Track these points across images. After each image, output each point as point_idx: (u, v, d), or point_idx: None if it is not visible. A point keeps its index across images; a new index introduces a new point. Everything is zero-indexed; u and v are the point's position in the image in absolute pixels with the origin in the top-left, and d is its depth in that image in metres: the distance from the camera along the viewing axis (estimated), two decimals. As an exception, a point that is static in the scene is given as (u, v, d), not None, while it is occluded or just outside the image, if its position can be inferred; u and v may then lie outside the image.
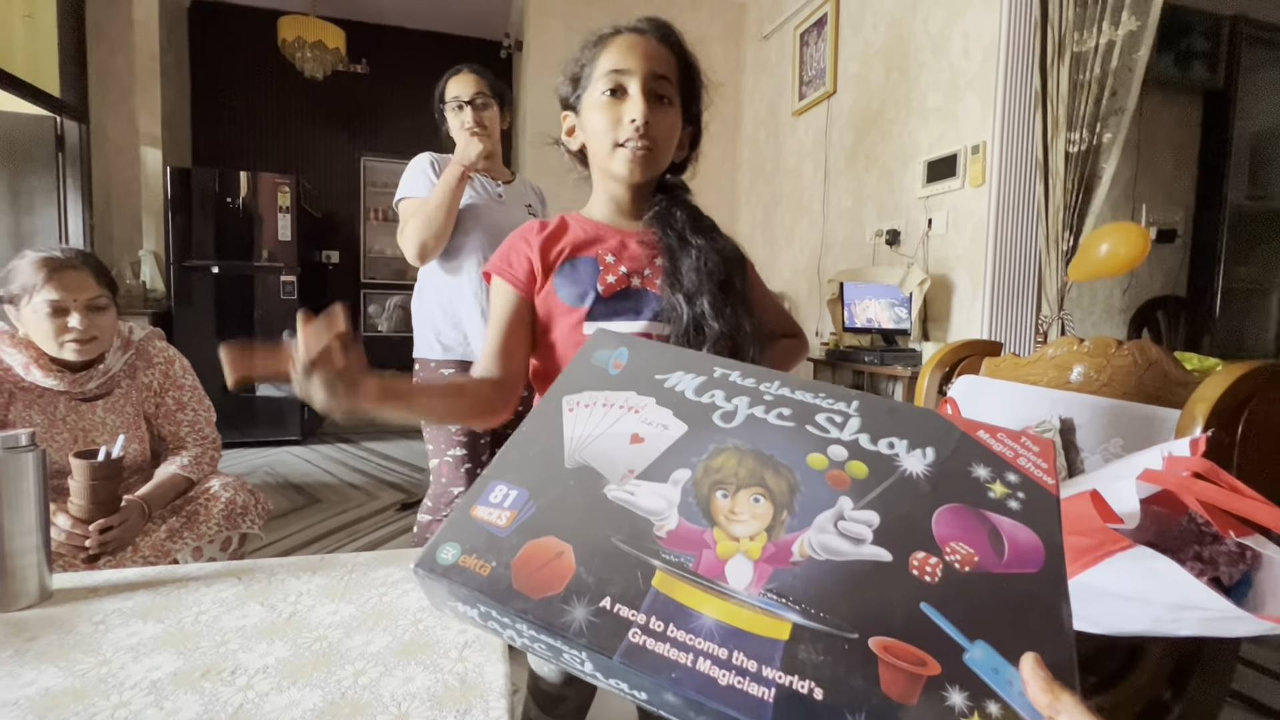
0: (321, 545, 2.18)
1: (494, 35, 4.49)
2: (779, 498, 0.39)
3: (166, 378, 1.30)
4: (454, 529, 0.40)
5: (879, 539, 0.37)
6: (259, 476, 3.02)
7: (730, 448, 0.43)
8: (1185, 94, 2.39)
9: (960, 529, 0.37)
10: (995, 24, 1.97)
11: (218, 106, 4.13)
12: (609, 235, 0.77)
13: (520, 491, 0.41)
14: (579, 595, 0.35)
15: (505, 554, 0.38)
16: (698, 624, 0.34)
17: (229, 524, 1.21)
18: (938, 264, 2.23)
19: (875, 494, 0.39)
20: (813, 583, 0.35)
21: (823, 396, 0.46)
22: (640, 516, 0.39)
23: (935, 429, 0.43)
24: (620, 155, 0.72)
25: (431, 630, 0.74)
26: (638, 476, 0.41)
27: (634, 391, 0.48)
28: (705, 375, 0.48)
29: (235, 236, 3.57)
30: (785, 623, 0.33)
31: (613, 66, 0.71)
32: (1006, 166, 1.96)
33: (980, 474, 0.40)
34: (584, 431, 0.45)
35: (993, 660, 0.31)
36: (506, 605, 0.35)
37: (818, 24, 3.03)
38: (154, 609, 0.76)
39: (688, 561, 0.36)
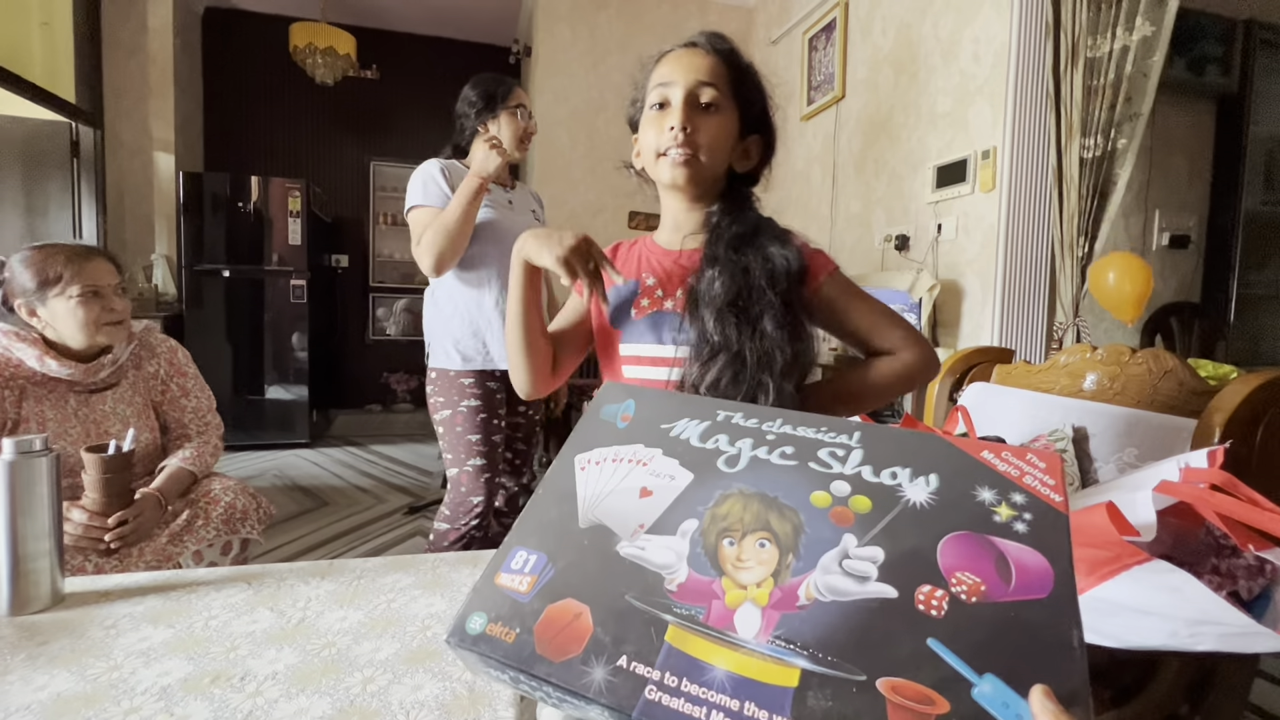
0: (329, 549, 2.18)
1: (502, 41, 4.51)
2: (784, 540, 0.39)
3: (171, 365, 1.33)
4: (480, 598, 0.41)
5: (884, 575, 0.36)
6: (267, 479, 3.04)
7: (735, 493, 0.42)
8: (1198, 99, 2.37)
9: (966, 558, 0.36)
10: (1006, 29, 1.96)
11: (230, 112, 4.17)
12: (660, 257, 0.79)
13: (539, 556, 0.42)
14: (597, 655, 0.36)
15: (528, 619, 0.39)
16: (710, 676, 0.34)
17: (228, 528, 1.21)
18: (947, 269, 2.22)
19: (879, 528, 0.38)
20: (820, 626, 0.35)
21: (824, 430, 0.45)
22: (651, 571, 0.39)
23: (938, 454, 0.42)
24: (663, 163, 0.73)
25: (440, 637, 0.74)
26: (647, 531, 0.42)
27: (641, 444, 0.48)
28: (709, 420, 0.48)
29: (246, 240, 3.61)
30: (794, 669, 0.33)
31: (660, 80, 0.73)
32: (1017, 172, 1.95)
33: (985, 497, 0.39)
34: (596, 490, 0.46)
35: (1002, 694, 0.31)
36: (531, 671, 0.36)
37: (826, 29, 3.03)
38: (164, 614, 0.76)
39: (698, 613, 0.37)
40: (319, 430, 3.97)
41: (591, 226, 3.66)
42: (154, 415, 1.30)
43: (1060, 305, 1.88)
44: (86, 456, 1.00)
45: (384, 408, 4.52)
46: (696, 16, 3.75)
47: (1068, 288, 1.84)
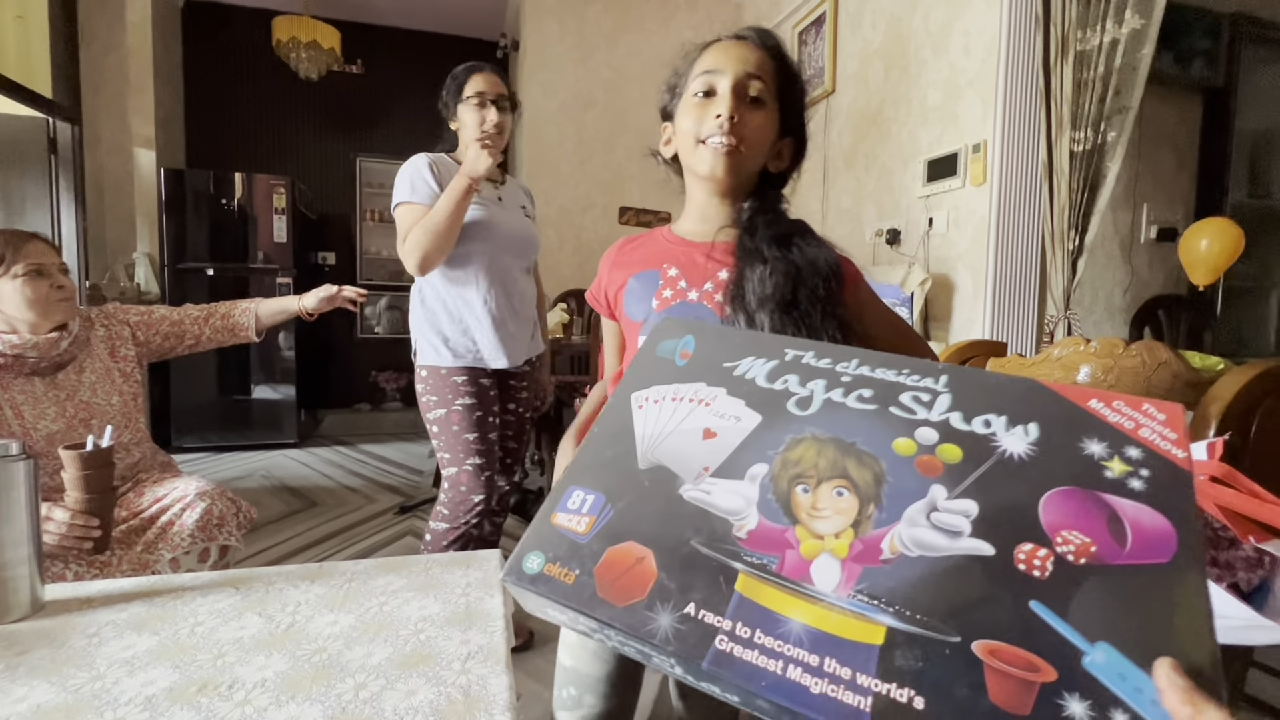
0: (319, 550, 2.16)
1: (490, 35, 4.47)
2: (864, 490, 0.37)
3: (140, 316, 1.38)
4: (537, 537, 0.40)
5: (978, 531, 0.34)
6: (254, 480, 3.00)
7: (808, 437, 0.40)
8: (1185, 92, 2.39)
9: (1073, 515, 0.33)
10: (996, 22, 1.96)
11: (212, 108, 4.10)
12: (683, 248, 0.76)
13: (597, 496, 0.41)
14: (663, 601, 0.35)
15: (587, 561, 0.38)
16: (785, 629, 0.32)
17: (204, 535, 1.17)
18: (938, 263, 2.22)
19: (972, 480, 0.36)
20: (906, 582, 0.33)
21: (906, 373, 0.42)
22: (718, 517, 0.38)
23: (1038, 401, 0.38)
24: (704, 151, 0.70)
25: (433, 641, 0.72)
26: (713, 474, 0.40)
27: (703, 383, 0.45)
28: (777, 359, 0.45)
29: (230, 238, 3.55)
30: (879, 627, 0.31)
31: (706, 68, 0.71)
32: (1008, 165, 1.96)
33: (1094, 450, 0.35)
34: (655, 429, 0.44)
35: (1118, 665, 0.28)
36: (592, 614, 0.35)
37: (816, 22, 3.02)
38: (149, 621, 0.74)
39: (770, 563, 0.35)
40: (307, 430, 3.92)
41: (580, 222, 3.64)
42: (129, 379, 1.34)
43: (1051, 298, 1.89)
44: (64, 454, 0.97)
45: (373, 406, 4.48)
46: (685, 11, 3.73)
47: (1058, 280, 1.85)
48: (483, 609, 0.82)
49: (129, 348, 1.34)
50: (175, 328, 1.41)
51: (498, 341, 1.49)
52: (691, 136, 0.71)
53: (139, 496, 1.19)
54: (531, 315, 1.59)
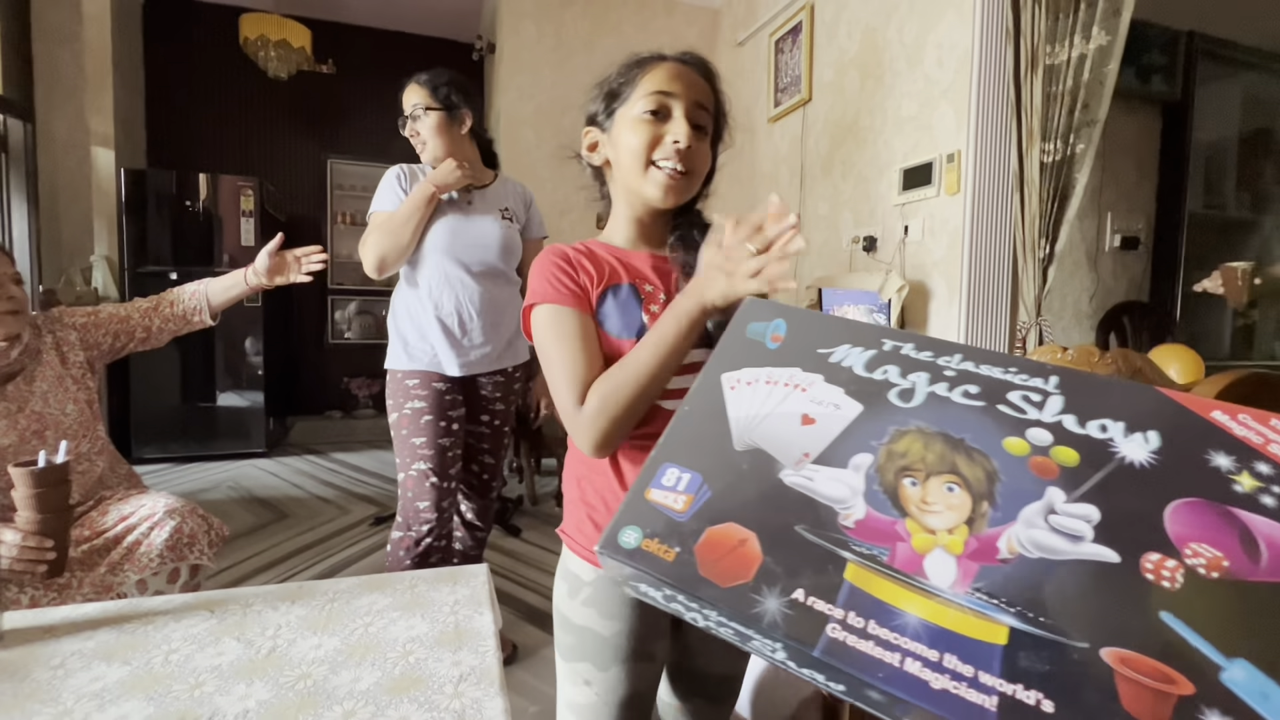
0: (292, 564, 2.09)
1: (465, 37, 4.42)
2: (975, 487, 0.36)
3: (87, 318, 1.33)
4: (631, 512, 0.40)
5: (1101, 537, 0.33)
6: (221, 491, 2.90)
7: (913, 430, 0.40)
8: (1146, 106, 2.48)
9: (1201, 528, 0.32)
10: (968, 36, 2.01)
11: (176, 106, 3.97)
12: (638, 261, 0.74)
13: (693, 475, 0.41)
14: (769, 585, 0.35)
15: (688, 540, 0.38)
16: (901, 622, 0.32)
17: (174, 554, 1.13)
18: (914, 270, 2.26)
19: (1091, 485, 0.35)
20: (1027, 583, 0.32)
21: (1014, 371, 0.41)
22: (823, 504, 0.38)
23: (1156, 409, 0.37)
24: (655, 176, 0.70)
25: (423, 663, 0.70)
26: (814, 461, 0.40)
27: (798, 368, 0.45)
28: (874, 349, 0.45)
29: (195, 241, 3.44)
30: (1001, 626, 0.31)
31: (659, 88, 0.69)
32: (981, 175, 2.00)
33: (1220, 463, 0.35)
34: (749, 411, 0.43)
35: (1258, 683, 0.28)
36: (695, 593, 0.35)
37: (792, 31, 3.06)
38: (119, 649, 0.70)
39: (881, 554, 0.35)
40: (276, 438, 3.81)
41: (559, 226, 3.61)
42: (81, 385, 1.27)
43: (1023, 305, 1.93)
44: (14, 472, 0.90)
45: (345, 414, 4.38)
46: (662, 17, 3.75)
47: (1030, 288, 1.90)
48: (472, 628, 0.80)
49: (78, 353, 1.28)
50: (123, 324, 1.34)
51: (448, 347, 1.48)
52: (639, 156, 0.69)
53: (102, 515, 1.13)
54: (505, 323, 1.55)
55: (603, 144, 0.76)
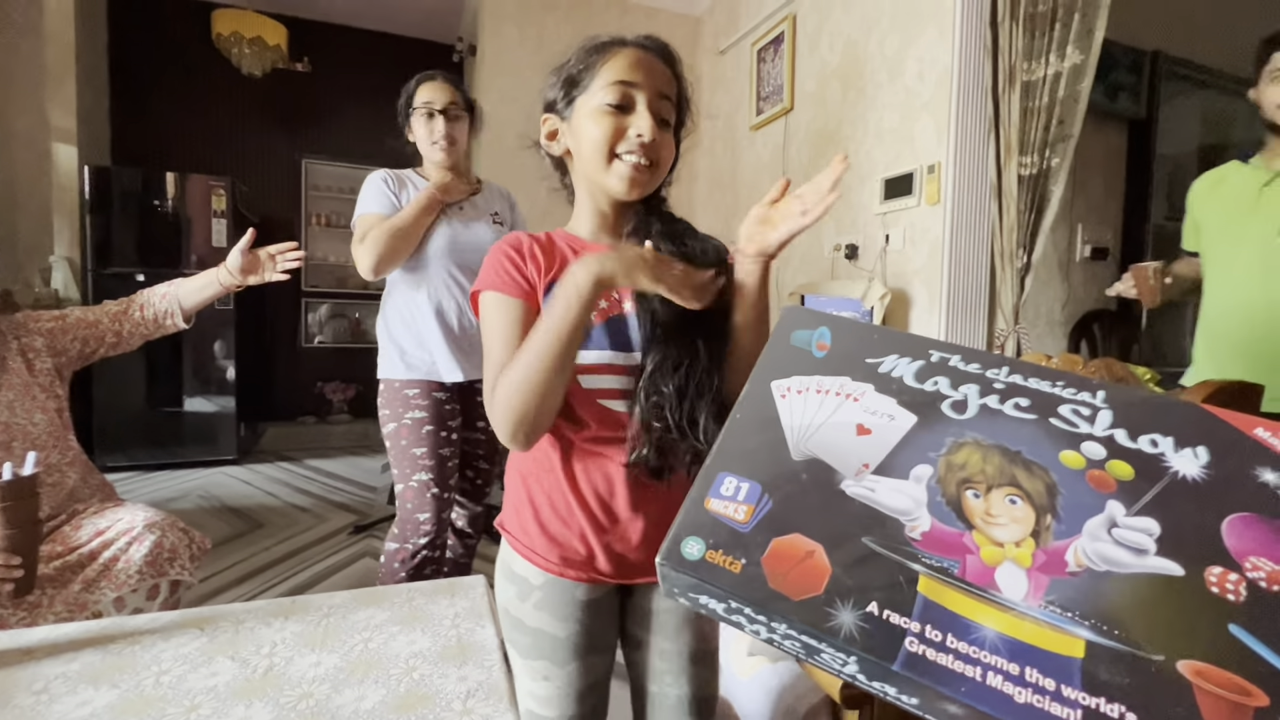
0: (269, 575, 2.03)
1: (445, 38, 4.37)
2: (1037, 499, 0.37)
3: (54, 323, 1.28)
4: (691, 522, 0.39)
5: (1164, 550, 0.34)
6: (191, 501, 2.81)
7: (970, 441, 0.40)
8: (1113, 122, 2.58)
9: (1259, 542, 0.33)
10: (948, 51, 2.06)
11: (144, 102, 3.84)
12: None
13: (752, 485, 0.40)
14: (841, 598, 0.34)
15: (753, 551, 0.37)
16: (978, 636, 0.32)
17: (154, 570, 1.09)
18: (895, 278, 2.31)
19: (1149, 499, 0.36)
20: (1098, 596, 0.33)
21: (1061, 385, 0.42)
22: (889, 516, 0.37)
23: (1202, 425, 0.38)
24: (618, 169, 0.69)
25: (428, 680, 0.69)
26: (873, 471, 0.39)
27: (848, 377, 0.45)
28: (923, 360, 0.45)
29: (162, 242, 3.33)
30: (1077, 640, 0.31)
31: (621, 77, 0.68)
32: (960, 186, 2.05)
33: (1270, 479, 0.36)
34: (803, 420, 0.43)
35: None
36: (766, 606, 0.34)
37: (775, 41, 3.09)
38: (105, 671, 0.67)
39: (952, 567, 0.35)
40: (247, 445, 3.71)
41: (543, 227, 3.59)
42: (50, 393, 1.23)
43: (1001, 313, 1.98)
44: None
45: (319, 419, 4.28)
46: (644, 23, 3.75)
47: (1008, 297, 1.95)
48: (475, 641, 0.78)
49: (45, 359, 1.23)
50: (92, 329, 1.29)
51: (449, 353, 1.47)
52: (602, 148, 0.68)
53: (76, 530, 1.08)
54: None
55: (562, 132, 0.74)
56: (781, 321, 0.51)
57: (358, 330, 4.49)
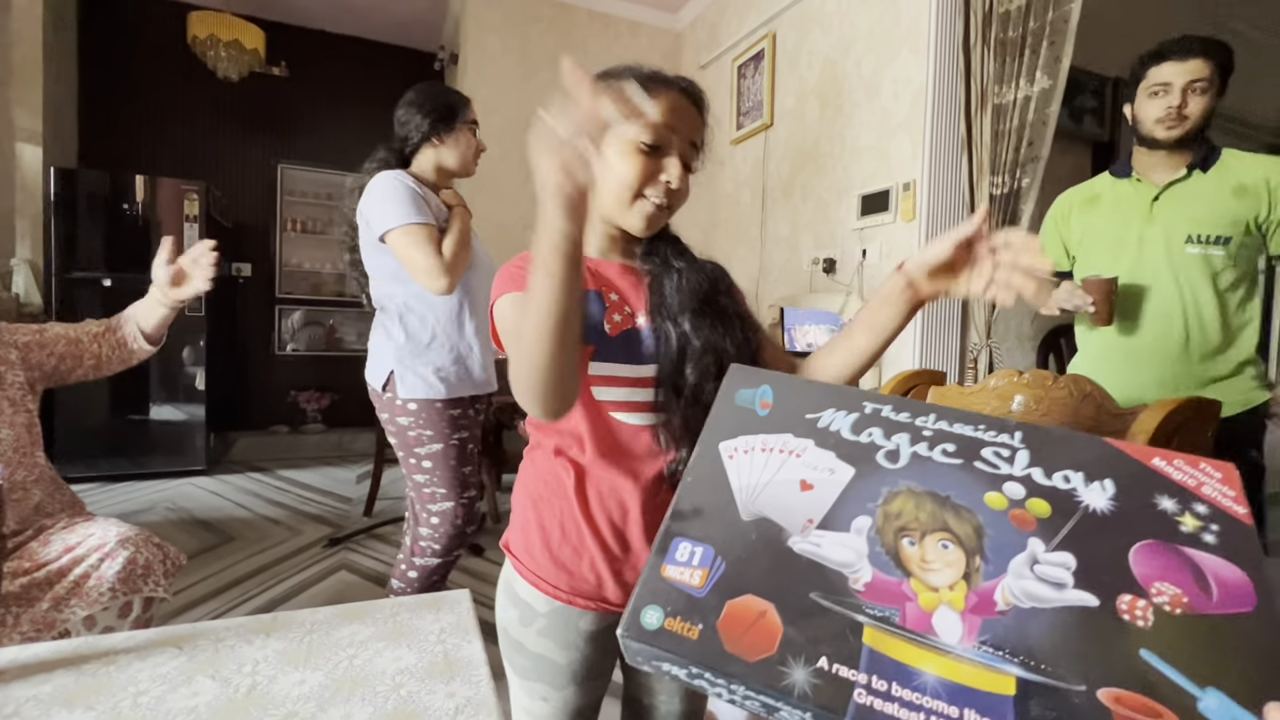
0: (242, 589, 1.98)
1: (427, 47, 4.36)
2: (967, 542, 0.39)
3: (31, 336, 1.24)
4: (650, 591, 0.40)
5: (1080, 582, 0.36)
6: (158, 513, 2.72)
7: (904, 490, 0.42)
8: (1078, 144, 2.68)
9: (1161, 568, 0.36)
10: (923, 72, 2.12)
11: (114, 104, 3.76)
12: (607, 270, 0.74)
13: (706, 548, 0.41)
14: (794, 655, 0.35)
15: (709, 616, 0.38)
16: (920, 682, 0.33)
17: (127, 587, 1.05)
18: (872, 292, 2.36)
19: (1065, 533, 0.38)
20: (1025, 633, 0.35)
21: (983, 429, 0.44)
22: (832, 570, 0.39)
23: (1108, 459, 0.41)
24: (640, 208, 0.70)
25: (416, 697, 0.68)
26: (818, 526, 0.41)
27: (790, 434, 0.47)
28: (857, 411, 0.47)
29: (131, 246, 3.24)
30: (1008, 677, 0.33)
31: (660, 121, 0.69)
32: (935, 204, 2.11)
33: (1166, 506, 0.38)
34: (750, 480, 0.44)
35: (1229, 710, 0.31)
36: (724, 670, 0.35)
37: (755, 58, 3.15)
38: (80, 693, 0.65)
39: (893, 615, 0.36)
40: (217, 455, 3.61)
41: (522, 241, 3.58)
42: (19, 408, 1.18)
43: (974, 328, 2.04)
44: None
45: (292, 429, 4.19)
46: (627, 37, 3.80)
47: (980, 312, 2.00)
48: (463, 656, 0.78)
49: (17, 372, 1.19)
50: (72, 347, 1.26)
51: (482, 367, 1.50)
52: (630, 187, 0.69)
53: (44, 545, 1.04)
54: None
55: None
56: (727, 381, 0.52)
57: (332, 338, 4.42)
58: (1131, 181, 1.44)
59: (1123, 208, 1.43)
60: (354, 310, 4.42)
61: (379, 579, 2.10)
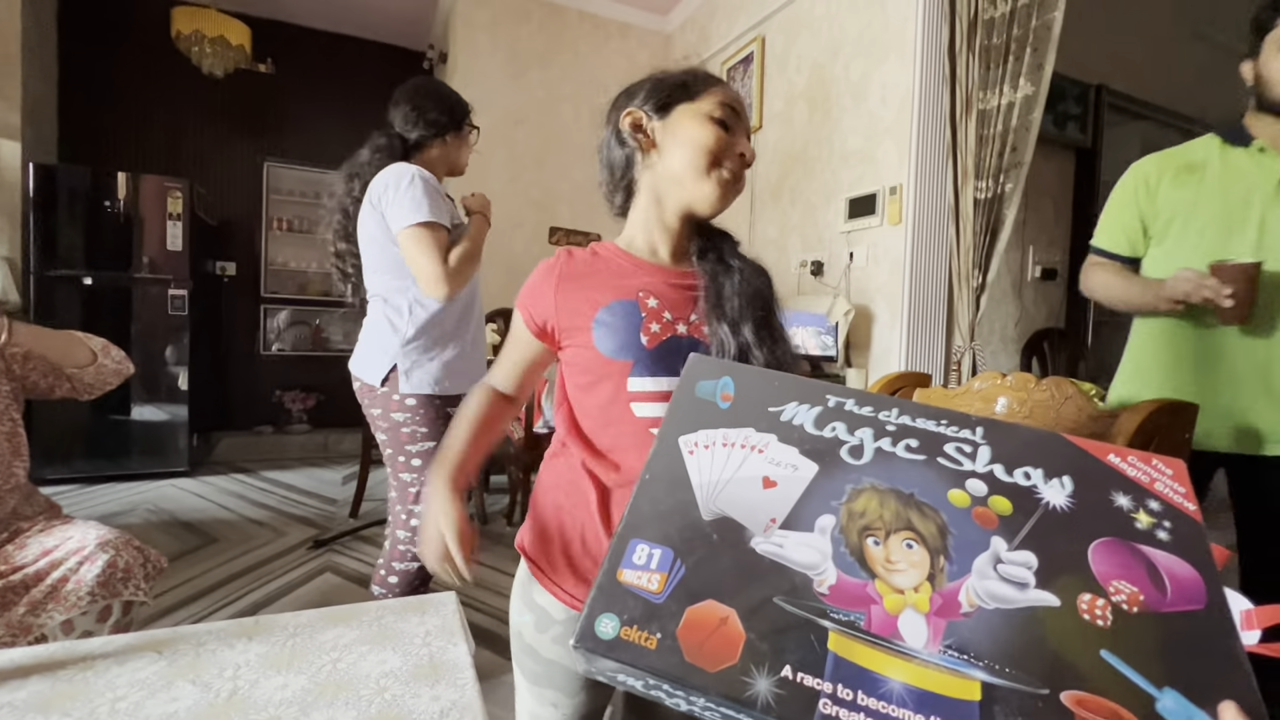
0: (225, 592, 1.96)
1: (415, 45, 4.34)
2: (931, 542, 0.38)
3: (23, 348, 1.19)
4: (605, 597, 0.38)
5: (1042, 582, 0.36)
6: (139, 515, 2.68)
7: (868, 488, 0.41)
8: (1061, 149, 2.72)
9: (1119, 566, 0.36)
10: (909, 78, 2.14)
11: (96, 100, 3.70)
12: (649, 274, 0.70)
13: (664, 550, 0.39)
14: (756, 664, 0.34)
15: (668, 623, 0.36)
16: (886, 689, 0.33)
17: (106, 591, 1.03)
18: (859, 295, 2.38)
19: (1026, 532, 0.38)
20: (989, 635, 0.34)
21: (945, 424, 0.43)
22: (796, 571, 0.37)
23: (1066, 455, 0.41)
24: (717, 177, 0.68)
25: (400, 700, 0.68)
26: (781, 526, 0.40)
27: (751, 428, 0.45)
28: (820, 405, 0.46)
29: (113, 244, 3.19)
30: (973, 682, 0.33)
31: (731, 103, 0.70)
32: (920, 208, 2.13)
33: (1122, 503, 0.39)
34: (711, 477, 0.43)
35: (1185, 709, 0.31)
36: (684, 681, 0.34)
37: (744, 61, 3.17)
38: (56, 699, 0.64)
39: (858, 620, 0.35)
40: (200, 456, 3.56)
41: (511, 240, 3.58)
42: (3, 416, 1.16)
43: (958, 330, 2.06)
44: None
45: (277, 429, 4.15)
46: (616, 39, 3.81)
47: (964, 315, 2.03)
48: (448, 659, 0.78)
49: (3, 382, 1.17)
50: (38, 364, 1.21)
51: (481, 365, 1.49)
52: (708, 153, 0.67)
53: (20, 549, 1.02)
54: None
55: (654, 130, 0.70)
56: (687, 372, 0.50)
57: (318, 338, 4.38)
58: (1252, 151, 1.13)
59: (1238, 181, 1.13)
60: (340, 310, 4.38)
61: (365, 581, 2.08)
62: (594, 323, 0.67)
